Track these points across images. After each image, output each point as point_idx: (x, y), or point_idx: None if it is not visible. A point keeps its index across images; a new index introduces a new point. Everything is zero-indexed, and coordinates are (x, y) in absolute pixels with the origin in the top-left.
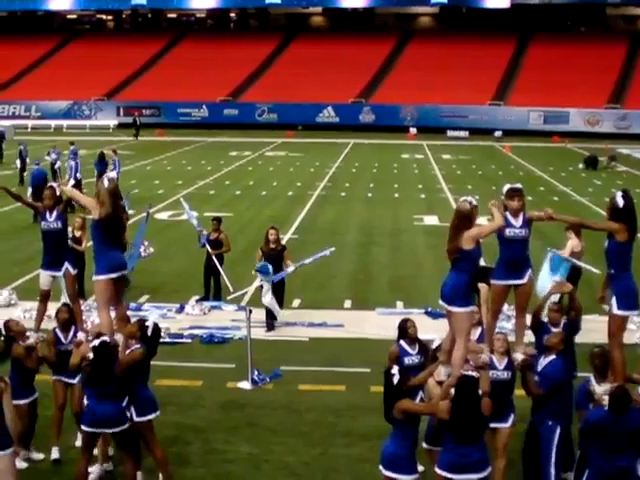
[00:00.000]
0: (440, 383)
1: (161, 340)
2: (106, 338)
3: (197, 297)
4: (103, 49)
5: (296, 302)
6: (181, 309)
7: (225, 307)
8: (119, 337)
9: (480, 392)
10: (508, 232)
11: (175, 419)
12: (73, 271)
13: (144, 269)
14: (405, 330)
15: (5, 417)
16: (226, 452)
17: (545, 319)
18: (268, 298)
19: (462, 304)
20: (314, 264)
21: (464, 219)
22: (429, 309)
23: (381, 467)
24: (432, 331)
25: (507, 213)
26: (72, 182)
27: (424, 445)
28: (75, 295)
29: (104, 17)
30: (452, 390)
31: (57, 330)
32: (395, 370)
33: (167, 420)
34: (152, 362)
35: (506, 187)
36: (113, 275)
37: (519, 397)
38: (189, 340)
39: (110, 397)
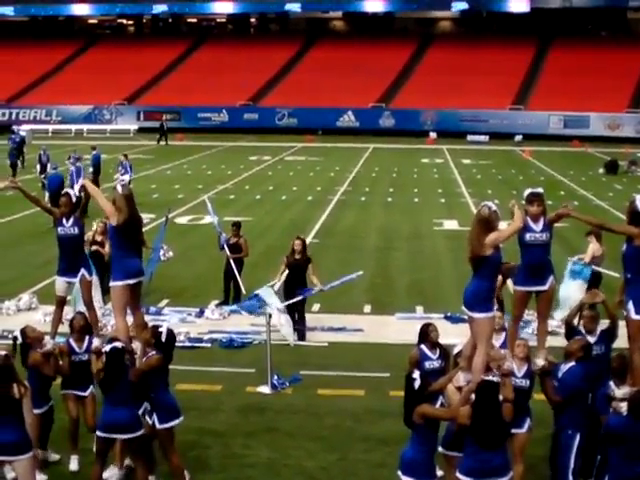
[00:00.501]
0: (459, 389)
1: (181, 344)
2: (118, 344)
3: (217, 301)
4: (124, 54)
5: (315, 307)
6: (201, 313)
7: (245, 311)
8: (137, 344)
9: (502, 399)
10: (529, 237)
11: (194, 423)
12: (89, 277)
13: (164, 273)
14: (427, 334)
15: (25, 422)
16: (245, 457)
17: (580, 327)
18: (285, 329)
19: (483, 310)
20: (333, 267)
21: (484, 224)
22: (449, 314)
23: (399, 472)
24: (452, 336)
25: (527, 218)
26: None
27: (440, 450)
28: (91, 302)
29: (125, 22)
30: (472, 396)
31: (71, 340)
32: (416, 375)
33: (186, 424)
34: (171, 366)
35: (526, 192)
36: (130, 281)
37: (539, 402)
38: (209, 344)
39: (124, 403)
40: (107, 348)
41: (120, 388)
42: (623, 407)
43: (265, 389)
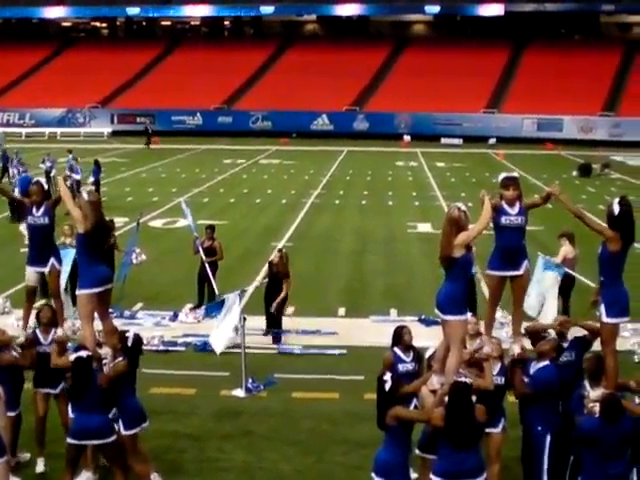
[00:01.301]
0: (433, 392)
1: (155, 348)
2: (83, 353)
3: (191, 305)
4: (97, 57)
5: (290, 309)
6: (175, 317)
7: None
8: (107, 350)
9: (479, 388)
10: (504, 220)
11: (169, 427)
12: (58, 267)
13: (138, 277)
14: (400, 337)
15: None
16: (220, 460)
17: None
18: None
19: (456, 312)
20: (308, 271)
21: (454, 225)
22: (422, 316)
23: (374, 475)
24: (425, 338)
25: (502, 201)
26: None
27: (417, 452)
28: (58, 292)
29: (98, 25)
30: (446, 398)
31: (37, 331)
32: (387, 377)
33: (161, 428)
34: (146, 370)
35: (501, 176)
36: (97, 290)
37: (515, 403)
38: (183, 348)
39: (94, 409)
40: (72, 357)
41: (89, 395)
42: (596, 409)
43: (240, 392)
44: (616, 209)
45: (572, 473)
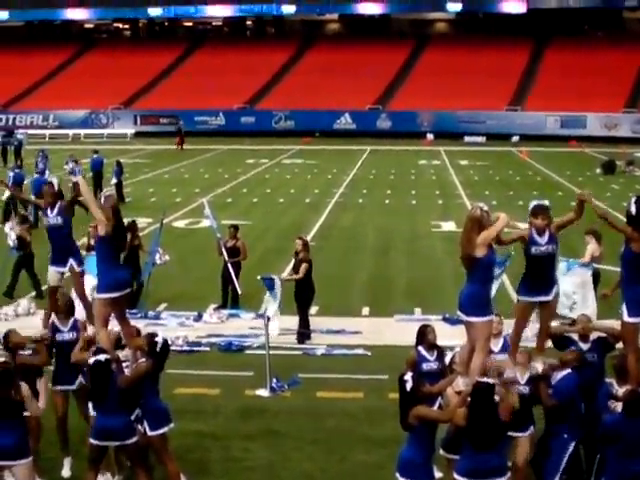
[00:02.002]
0: (458, 394)
1: (179, 348)
2: (102, 357)
3: (215, 305)
4: (120, 58)
5: (314, 309)
6: (199, 317)
7: (243, 315)
8: (127, 352)
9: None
10: (534, 250)
11: (194, 427)
12: (78, 268)
13: (161, 277)
14: (424, 336)
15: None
16: (245, 460)
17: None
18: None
19: (479, 314)
20: (331, 270)
21: (475, 225)
22: (447, 315)
23: (397, 474)
24: (450, 337)
25: (533, 230)
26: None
27: (441, 452)
28: (83, 293)
29: (121, 26)
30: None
31: (55, 319)
32: (408, 376)
33: (186, 428)
34: (170, 370)
35: (532, 204)
36: (115, 294)
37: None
38: (207, 348)
39: (116, 410)
40: (91, 361)
41: (109, 396)
42: (619, 408)
43: (264, 392)
44: (633, 209)
45: (597, 473)
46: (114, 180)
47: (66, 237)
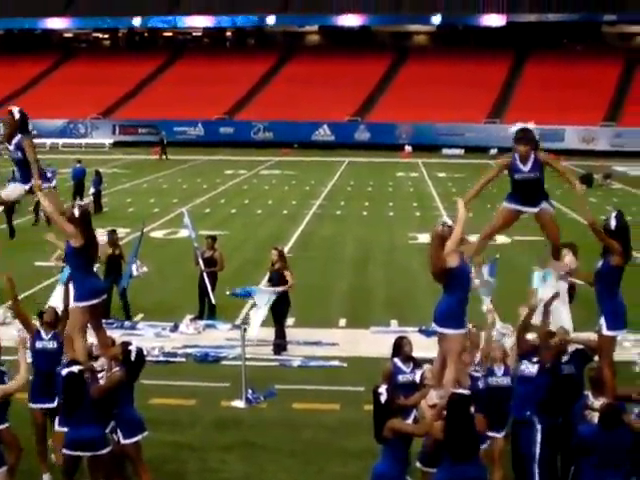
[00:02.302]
0: (432, 406)
1: (155, 359)
2: (75, 368)
3: (191, 316)
4: (99, 68)
5: (290, 320)
6: (175, 328)
7: (220, 326)
8: (103, 362)
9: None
10: (517, 176)
11: (170, 438)
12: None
13: (138, 288)
14: (400, 347)
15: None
16: (221, 471)
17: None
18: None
19: (454, 326)
20: (308, 282)
21: (440, 241)
22: (423, 327)
23: None
24: (426, 349)
25: (515, 156)
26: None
27: (418, 465)
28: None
29: (100, 36)
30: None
31: (40, 328)
32: (382, 389)
33: (162, 439)
34: (146, 381)
35: (515, 128)
36: (91, 302)
37: None
38: (183, 359)
39: (89, 420)
40: (64, 373)
41: (83, 407)
42: (594, 417)
43: (240, 403)
44: (613, 223)
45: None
46: (92, 190)
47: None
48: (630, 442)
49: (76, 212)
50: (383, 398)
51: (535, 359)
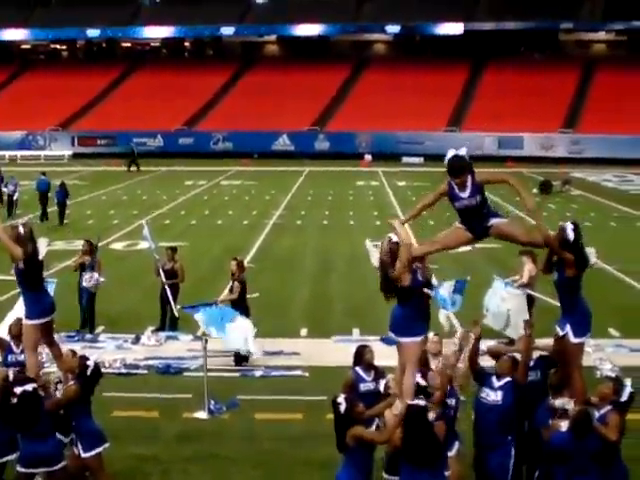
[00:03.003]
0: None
1: (117, 371)
2: (29, 387)
3: (153, 327)
4: (58, 79)
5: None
6: (137, 340)
7: (181, 337)
8: (59, 374)
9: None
10: (458, 205)
11: (133, 450)
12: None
13: (99, 300)
14: (362, 356)
15: None
16: None
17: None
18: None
19: (409, 334)
20: (270, 291)
21: (388, 258)
22: (384, 336)
23: None
24: (387, 357)
25: (453, 185)
26: None
27: (384, 475)
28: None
29: (58, 47)
30: None
31: (10, 339)
32: (341, 399)
33: (124, 452)
34: (108, 393)
35: (447, 158)
36: (43, 320)
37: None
38: (145, 371)
39: (43, 436)
40: (18, 392)
41: (36, 424)
42: (562, 424)
43: (202, 415)
44: (571, 235)
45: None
46: (56, 201)
47: None
48: (600, 447)
49: (21, 230)
50: (342, 408)
51: (497, 384)
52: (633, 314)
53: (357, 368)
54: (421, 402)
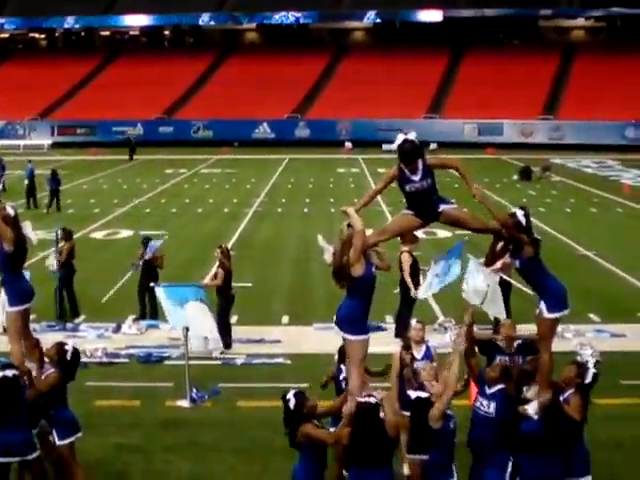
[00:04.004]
0: None
1: (98, 360)
2: (9, 372)
3: (134, 316)
4: (36, 69)
5: (233, 319)
6: (118, 329)
7: (162, 326)
8: (31, 365)
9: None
10: (408, 188)
11: (114, 439)
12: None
13: (80, 289)
14: (346, 354)
15: None
16: (167, 472)
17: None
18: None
19: (355, 332)
20: (251, 279)
21: (344, 244)
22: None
23: None
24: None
25: (403, 168)
26: None
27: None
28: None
29: (37, 36)
30: None
31: None
32: (290, 395)
33: (106, 441)
34: (90, 383)
35: (396, 143)
36: (27, 305)
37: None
38: (126, 360)
39: (20, 425)
40: None
41: (17, 412)
42: (529, 411)
43: (184, 403)
44: (524, 220)
45: (513, 476)
46: (48, 189)
47: None
48: (571, 430)
49: (10, 212)
50: (292, 404)
51: (488, 391)
52: (613, 299)
53: (342, 366)
54: (371, 400)
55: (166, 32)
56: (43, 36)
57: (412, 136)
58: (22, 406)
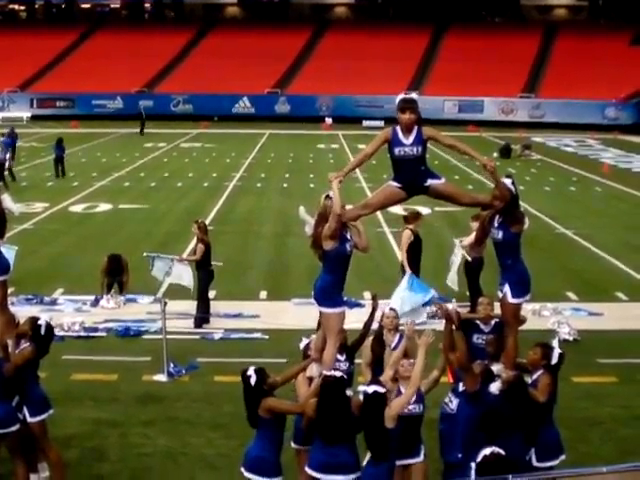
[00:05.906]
0: (311, 379)
1: (76, 334)
2: None
3: (112, 290)
4: (16, 40)
5: (211, 293)
6: (96, 302)
7: (140, 299)
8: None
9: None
10: (397, 151)
11: (91, 414)
12: None
13: (58, 262)
14: None
15: None
16: (143, 446)
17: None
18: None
19: (330, 304)
20: (229, 254)
21: (320, 216)
22: (345, 298)
23: (243, 469)
24: (348, 321)
25: (397, 127)
26: None
27: (293, 445)
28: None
29: (17, 8)
30: None
31: None
32: (251, 371)
33: (83, 415)
34: (67, 356)
35: (398, 98)
36: (6, 277)
37: None
38: (104, 334)
39: (1, 398)
40: None
41: None
42: (492, 388)
43: (161, 377)
44: (513, 188)
45: (467, 451)
46: (54, 156)
47: None
48: (532, 409)
49: None
50: (253, 380)
51: (459, 389)
52: (591, 278)
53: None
54: (337, 373)
55: (147, 5)
56: (23, 7)
57: (415, 96)
58: (1, 380)
